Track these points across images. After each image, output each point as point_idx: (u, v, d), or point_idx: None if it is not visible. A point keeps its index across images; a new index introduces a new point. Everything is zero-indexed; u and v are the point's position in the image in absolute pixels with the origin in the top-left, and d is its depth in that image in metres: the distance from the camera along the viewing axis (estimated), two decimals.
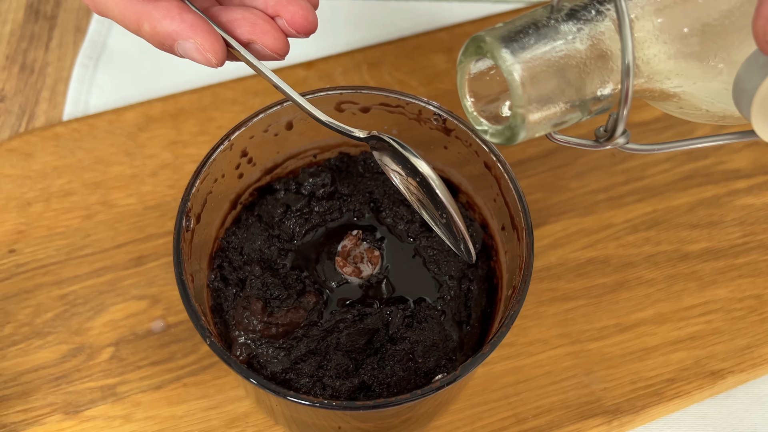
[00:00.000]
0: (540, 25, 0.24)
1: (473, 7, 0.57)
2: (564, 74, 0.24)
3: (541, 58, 0.24)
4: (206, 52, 0.28)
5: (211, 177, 0.34)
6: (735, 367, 0.42)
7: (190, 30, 0.28)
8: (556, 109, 0.25)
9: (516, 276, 0.33)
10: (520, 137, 0.25)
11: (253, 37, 0.29)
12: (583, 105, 0.25)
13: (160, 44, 0.29)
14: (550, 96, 0.24)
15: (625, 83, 0.23)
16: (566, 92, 0.25)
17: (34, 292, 0.43)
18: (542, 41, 0.24)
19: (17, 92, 0.52)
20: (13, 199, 0.46)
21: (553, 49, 0.24)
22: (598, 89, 0.25)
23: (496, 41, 0.24)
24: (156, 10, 0.28)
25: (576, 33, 0.24)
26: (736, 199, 0.48)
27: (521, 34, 0.24)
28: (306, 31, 0.30)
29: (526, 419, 0.40)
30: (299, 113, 0.36)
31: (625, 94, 0.24)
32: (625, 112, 0.24)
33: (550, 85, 0.24)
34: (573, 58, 0.24)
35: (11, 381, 0.40)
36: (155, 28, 0.28)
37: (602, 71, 0.25)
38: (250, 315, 0.33)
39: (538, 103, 0.24)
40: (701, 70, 0.25)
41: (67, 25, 0.56)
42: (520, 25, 0.24)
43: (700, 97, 0.26)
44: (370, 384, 0.33)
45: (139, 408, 0.40)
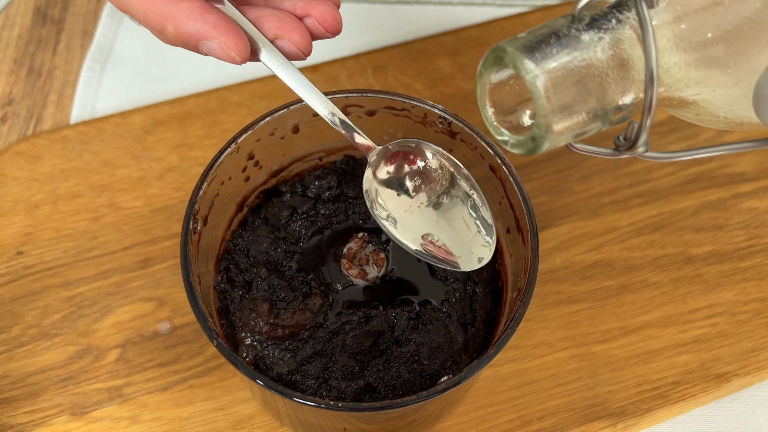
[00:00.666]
0: (561, 34, 0.24)
1: (478, 11, 0.57)
2: (586, 84, 0.24)
3: (564, 68, 0.24)
4: (230, 51, 0.29)
5: (218, 180, 0.35)
6: (740, 370, 0.42)
7: (214, 30, 0.28)
8: (578, 118, 0.25)
9: (521, 278, 0.33)
10: (544, 147, 0.25)
11: (281, 32, 0.30)
12: (605, 114, 0.25)
13: (184, 44, 0.29)
14: (572, 106, 0.24)
15: (649, 92, 0.23)
16: (589, 102, 0.24)
17: (42, 293, 0.43)
18: (564, 51, 0.24)
19: (25, 95, 0.53)
20: (20, 201, 0.46)
21: (575, 59, 0.24)
22: (620, 98, 0.25)
23: (518, 51, 0.24)
24: (179, 12, 0.28)
25: (597, 42, 0.24)
26: (741, 202, 0.48)
27: (543, 44, 0.24)
28: (334, 30, 0.31)
29: (531, 421, 0.40)
30: (305, 116, 0.37)
31: (649, 104, 0.23)
32: (649, 121, 0.24)
33: (573, 95, 0.24)
34: (595, 67, 0.24)
35: (19, 382, 0.41)
36: (179, 29, 0.29)
37: (624, 80, 0.25)
38: (256, 317, 0.34)
39: (562, 113, 0.24)
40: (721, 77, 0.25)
41: (74, 29, 0.56)
42: (542, 35, 0.24)
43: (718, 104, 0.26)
44: (376, 386, 0.34)
45: (145, 409, 0.40)
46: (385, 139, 0.39)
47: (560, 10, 0.56)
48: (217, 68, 0.54)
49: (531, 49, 0.24)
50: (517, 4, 0.58)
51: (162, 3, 0.29)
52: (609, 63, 0.24)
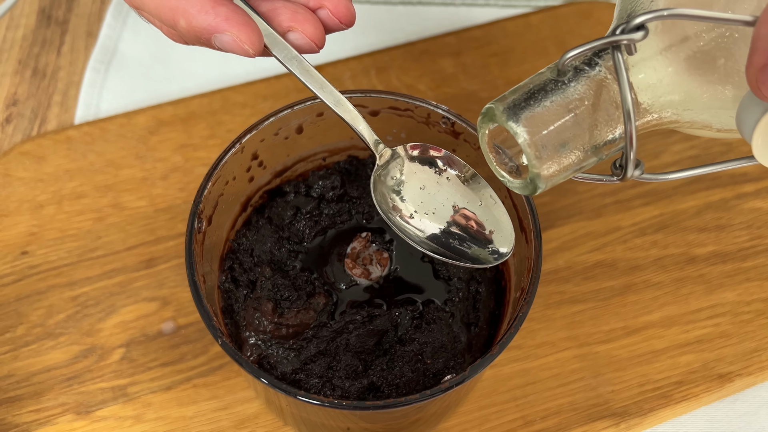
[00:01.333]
0: (548, 89, 0.26)
1: (481, 11, 0.57)
2: (574, 131, 0.26)
3: (550, 122, 0.25)
4: (243, 44, 0.28)
5: (222, 180, 0.35)
6: (743, 370, 0.42)
7: (226, 23, 0.28)
8: (569, 161, 0.26)
9: (524, 278, 0.33)
10: (540, 189, 0.27)
11: (294, 24, 0.30)
12: (597, 150, 0.27)
13: (197, 39, 0.29)
14: (561, 152, 0.26)
15: (628, 128, 0.25)
16: (577, 146, 0.26)
17: (47, 293, 0.43)
18: (549, 105, 0.26)
19: (29, 96, 0.53)
20: (25, 201, 0.46)
21: (561, 111, 0.26)
22: (610, 135, 0.26)
23: (503, 114, 0.26)
24: (190, 6, 0.28)
25: (582, 90, 0.26)
26: (743, 202, 0.48)
27: (529, 100, 0.26)
28: (348, 21, 0.31)
29: (534, 421, 0.40)
30: (310, 116, 0.37)
31: (630, 139, 0.25)
32: (632, 155, 0.26)
33: (560, 143, 0.26)
34: (582, 114, 0.26)
35: (24, 381, 0.41)
36: (191, 23, 0.28)
37: (611, 119, 0.26)
38: (260, 316, 0.34)
39: (551, 160, 0.26)
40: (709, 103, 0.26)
41: (78, 30, 0.56)
42: (527, 92, 0.26)
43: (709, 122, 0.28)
44: (380, 385, 0.34)
45: (149, 408, 0.40)
46: (389, 139, 0.39)
47: (562, 11, 0.56)
48: (220, 69, 0.54)
49: (516, 109, 0.26)
50: (520, 5, 0.58)
51: None
52: (596, 107, 0.26)
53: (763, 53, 0.22)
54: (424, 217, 0.32)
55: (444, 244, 0.32)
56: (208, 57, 0.55)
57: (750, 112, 0.24)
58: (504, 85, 0.52)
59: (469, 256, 0.31)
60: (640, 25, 0.24)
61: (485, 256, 0.32)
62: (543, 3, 0.58)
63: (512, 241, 0.32)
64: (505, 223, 0.32)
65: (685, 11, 0.24)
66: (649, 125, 0.27)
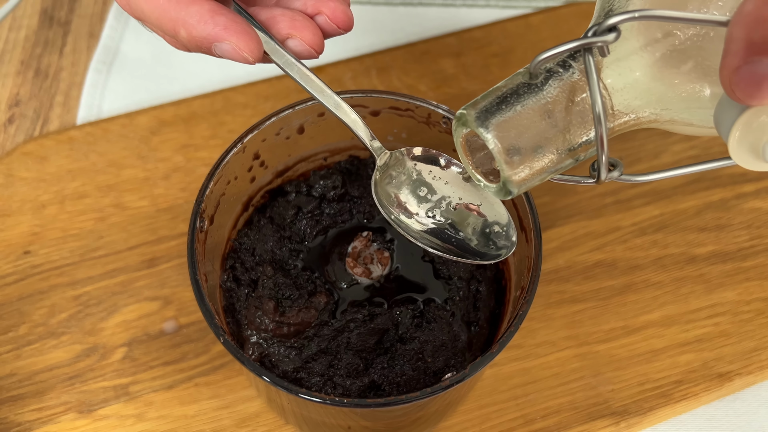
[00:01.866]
0: (518, 92, 0.26)
1: (481, 12, 0.58)
2: (546, 133, 0.26)
3: (521, 125, 0.25)
4: (242, 52, 0.29)
5: (224, 179, 0.35)
6: (743, 370, 0.42)
7: (225, 32, 0.29)
8: (542, 164, 0.26)
9: (524, 277, 0.33)
10: (513, 194, 0.27)
11: (292, 32, 0.30)
12: (572, 153, 0.26)
13: (197, 47, 0.30)
14: (533, 156, 0.26)
15: (599, 131, 0.25)
16: (551, 148, 0.26)
17: (49, 293, 0.44)
18: (521, 109, 0.26)
19: (32, 97, 0.53)
20: (28, 201, 0.47)
21: (533, 114, 0.25)
22: (584, 137, 0.26)
23: (474, 120, 0.26)
24: (189, 16, 0.29)
25: (555, 94, 0.26)
26: (743, 202, 0.48)
27: (501, 105, 0.26)
28: (346, 26, 0.31)
29: (534, 420, 0.40)
30: (311, 117, 0.37)
31: (600, 142, 0.25)
32: (604, 158, 0.25)
33: (532, 146, 0.26)
34: (554, 117, 0.26)
35: (26, 380, 0.41)
36: (191, 33, 0.29)
37: (585, 120, 0.26)
38: (262, 314, 0.34)
39: (522, 164, 0.26)
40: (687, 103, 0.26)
41: (80, 31, 0.57)
42: (499, 96, 0.26)
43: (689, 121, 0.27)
44: (380, 383, 0.34)
45: (151, 407, 0.40)
46: (389, 139, 0.39)
47: (563, 12, 0.57)
48: (222, 70, 0.54)
49: (487, 114, 0.26)
50: (520, 5, 0.58)
51: (173, 8, 0.29)
52: (568, 110, 0.26)
53: (736, 55, 0.22)
54: (424, 216, 0.32)
55: (445, 242, 0.32)
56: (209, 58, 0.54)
57: (726, 113, 0.24)
58: None
59: (470, 253, 0.32)
60: (612, 27, 0.24)
61: (486, 253, 0.32)
62: (543, 4, 0.58)
63: (513, 238, 0.32)
64: (505, 220, 0.32)
65: (657, 12, 0.23)
66: (626, 125, 0.27)
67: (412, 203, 0.32)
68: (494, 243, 0.32)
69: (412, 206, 0.32)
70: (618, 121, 0.27)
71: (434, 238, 0.32)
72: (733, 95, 0.23)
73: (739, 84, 0.22)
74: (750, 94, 0.22)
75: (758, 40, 0.22)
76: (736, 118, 0.24)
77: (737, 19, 0.22)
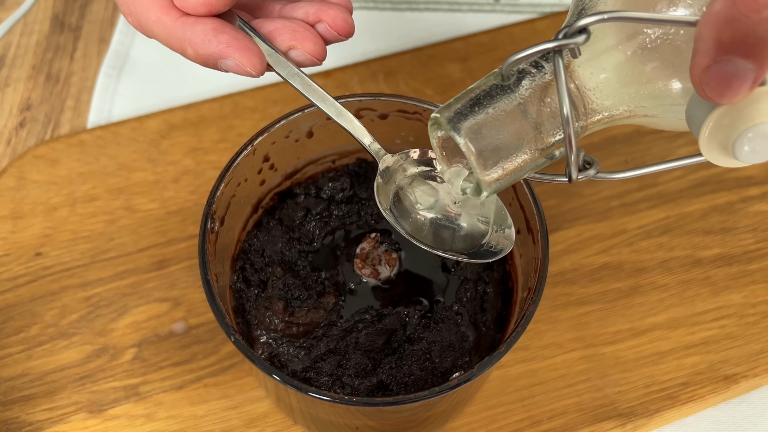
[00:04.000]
0: (492, 95, 0.26)
1: (487, 17, 0.58)
2: (518, 134, 0.26)
3: (493, 127, 0.26)
4: (245, 67, 0.30)
5: (234, 181, 0.35)
6: (749, 372, 0.42)
7: (228, 49, 0.30)
8: (515, 164, 0.27)
9: (531, 278, 0.34)
10: (485, 194, 0.27)
11: (293, 43, 0.31)
12: (545, 152, 0.27)
13: (205, 63, 0.31)
14: (506, 156, 0.26)
15: (567, 132, 0.25)
16: (523, 148, 0.26)
17: (60, 294, 0.44)
18: (492, 111, 0.26)
19: (43, 101, 0.54)
20: (39, 204, 0.47)
21: (505, 116, 0.26)
22: (556, 136, 0.27)
23: (447, 122, 0.26)
24: (194, 35, 0.30)
25: (527, 95, 0.26)
26: (749, 205, 0.48)
27: (474, 108, 0.26)
28: (346, 33, 0.32)
29: (541, 421, 0.40)
30: (319, 120, 0.38)
31: (569, 143, 0.25)
32: (573, 157, 0.26)
33: (505, 147, 0.26)
34: (527, 118, 0.26)
35: (37, 380, 0.41)
36: (197, 51, 0.31)
37: (557, 120, 0.26)
38: (271, 314, 0.34)
39: (495, 165, 0.26)
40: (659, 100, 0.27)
41: (91, 36, 0.57)
42: (472, 99, 0.26)
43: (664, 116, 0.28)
44: (388, 383, 0.34)
45: (161, 407, 0.41)
46: (397, 142, 0.39)
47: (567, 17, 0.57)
48: (230, 75, 0.54)
49: (460, 117, 0.26)
50: (526, 11, 0.59)
51: (179, 29, 0.30)
52: (540, 110, 0.26)
53: (706, 55, 0.22)
54: (427, 217, 0.33)
55: (448, 242, 0.32)
56: None
57: (697, 111, 0.24)
58: None
59: (473, 252, 0.32)
60: (582, 29, 0.24)
61: (486, 252, 0.32)
62: (549, 9, 0.59)
63: (513, 237, 0.32)
64: (506, 218, 0.33)
65: (626, 14, 0.24)
66: (600, 123, 0.27)
67: (413, 205, 0.33)
68: (493, 242, 0.32)
69: (413, 208, 0.33)
70: (591, 119, 0.27)
71: (436, 239, 0.32)
72: (704, 94, 0.23)
73: (709, 83, 0.23)
74: (720, 93, 0.23)
75: (727, 39, 0.22)
76: (706, 115, 0.24)
77: (706, 19, 0.22)
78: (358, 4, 0.59)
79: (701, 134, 0.24)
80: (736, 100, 0.23)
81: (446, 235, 0.32)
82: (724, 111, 0.24)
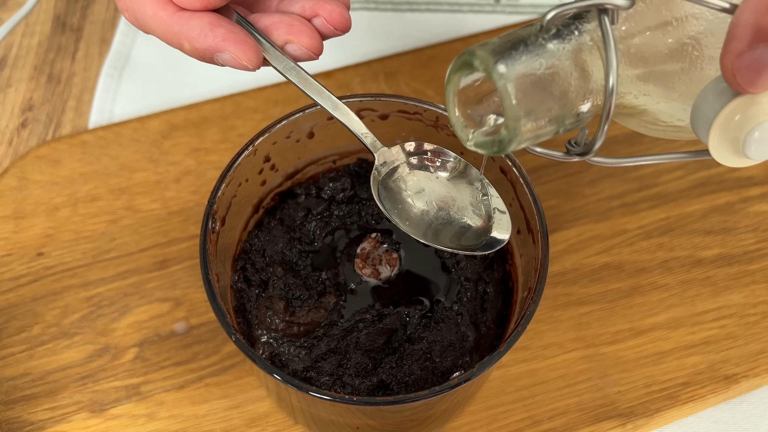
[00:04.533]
0: (530, 42, 0.25)
1: (488, 18, 0.58)
2: (551, 91, 0.25)
3: (532, 74, 0.25)
4: (241, 60, 0.30)
5: (235, 181, 0.35)
6: (749, 372, 0.42)
7: (224, 43, 0.30)
8: (541, 122, 0.26)
9: (531, 278, 0.34)
10: (510, 148, 0.26)
11: (290, 37, 0.31)
12: (562, 120, 0.26)
13: (201, 58, 0.31)
14: (538, 111, 0.25)
15: (608, 103, 0.25)
16: (552, 108, 0.26)
17: (62, 293, 0.44)
18: (532, 58, 0.25)
19: (45, 101, 0.54)
20: (41, 204, 0.47)
21: (542, 66, 0.25)
22: (579, 106, 0.26)
23: (489, 55, 0.25)
24: (191, 30, 0.30)
25: (562, 51, 0.25)
26: (749, 206, 0.48)
27: (513, 50, 0.25)
28: (343, 28, 0.32)
29: (541, 421, 0.41)
30: (320, 120, 0.38)
31: (608, 113, 0.25)
32: (606, 127, 0.25)
33: (539, 100, 0.25)
34: (559, 76, 0.25)
35: (39, 380, 0.42)
36: (194, 45, 0.31)
37: (583, 89, 0.26)
38: (272, 314, 0.34)
39: (527, 117, 0.25)
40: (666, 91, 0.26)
41: (92, 37, 0.57)
42: (511, 41, 0.25)
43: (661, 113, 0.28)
44: (389, 383, 0.34)
45: (162, 407, 0.41)
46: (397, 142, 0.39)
47: None
48: (232, 75, 0.55)
49: (502, 55, 0.25)
50: (527, 11, 0.59)
51: (176, 23, 0.31)
52: (572, 72, 0.26)
53: (741, 40, 0.22)
54: (423, 210, 0.33)
55: (445, 235, 0.32)
56: None
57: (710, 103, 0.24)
58: None
59: (469, 244, 0.32)
60: None
61: (484, 244, 0.32)
62: None
63: (509, 228, 0.32)
64: (502, 210, 0.33)
65: None
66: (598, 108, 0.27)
67: (409, 199, 0.33)
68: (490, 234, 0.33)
69: (409, 201, 0.33)
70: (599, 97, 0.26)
71: (432, 231, 0.32)
72: (732, 80, 0.23)
73: (741, 69, 0.22)
74: (750, 81, 0.22)
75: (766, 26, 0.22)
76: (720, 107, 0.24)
77: (747, 5, 0.22)
78: (359, 5, 0.59)
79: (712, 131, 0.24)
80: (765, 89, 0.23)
81: (443, 227, 0.33)
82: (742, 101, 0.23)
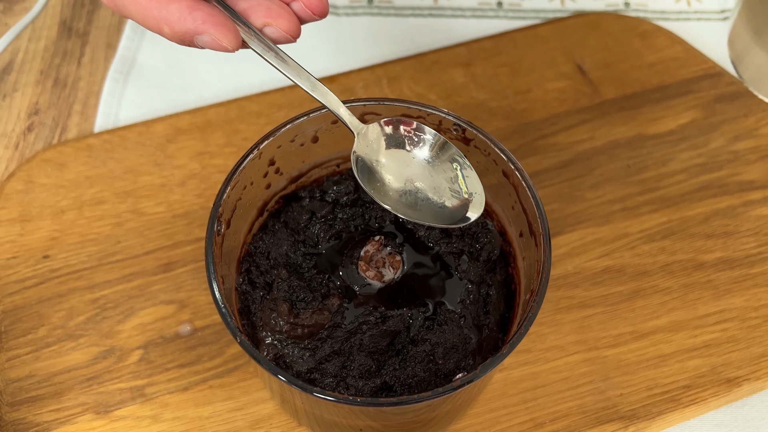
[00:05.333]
0: None
1: (490, 23, 0.59)
2: None
3: None
4: (220, 42, 0.31)
5: (240, 184, 0.36)
6: (751, 375, 0.42)
7: (204, 25, 0.31)
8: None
9: (534, 280, 0.34)
10: None
11: (268, 20, 0.32)
12: None
13: (182, 41, 0.32)
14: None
15: None
16: None
17: (67, 296, 0.45)
18: None
19: (51, 105, 0.54)
20: (47, 207, 0.48)
21: None
22: None
23: None
24: (170, 14, 0.31)
25: None
26: (750, 209, 0.48)
27: None
28: (320, 13, 0.33)
29: (544, 424, 0.41)
30: (324, 124, 0.38)
31: None
32: None
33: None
34: None
35: (45, 381, 0.42)
36: (173, 29, 0.31)
37: None
38: (276, 316, 0.35)
39: None
40: None
41: (98, 42, 0.58)
42: None
43: None
44: (392, 384, 0.35)
45: (166, 409, 0.41)
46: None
47: (570, 23, 0.57)
48: (236, 79, 0.55)
49: None
50: (529, 16, 0.59)
51: (155, 7, 0.31)
52: None
53: None
54: (402, 185, 0.34)
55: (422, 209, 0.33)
56: (223, 68, 0.56)
57: None
58: (513, 95, 0.53)
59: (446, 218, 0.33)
60: None
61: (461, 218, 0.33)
62: (551, 15, 0.59)
63: (483, 203, 0.33)
64: (477, 186, 0.33)
65: None
66: None
67: (389, 174, 0.34)
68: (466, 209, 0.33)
69: (389, 177, 0.34)
70: None
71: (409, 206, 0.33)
72: None
73: None
74: None
75: None
76: None
77: None
78: (363, 11, 0.59)
79: None
80: None
81: (420, 203, 0.33)
82: None
